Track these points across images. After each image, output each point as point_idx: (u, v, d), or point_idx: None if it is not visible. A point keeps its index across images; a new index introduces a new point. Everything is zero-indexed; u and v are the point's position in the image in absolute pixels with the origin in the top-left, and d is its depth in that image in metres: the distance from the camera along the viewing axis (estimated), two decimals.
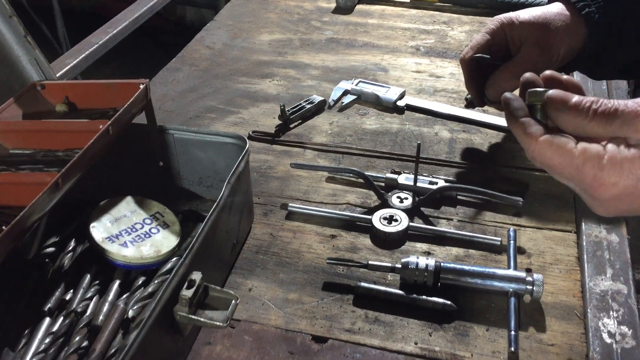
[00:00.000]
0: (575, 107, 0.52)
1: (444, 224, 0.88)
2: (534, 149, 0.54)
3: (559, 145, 0.53)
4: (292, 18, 1.48)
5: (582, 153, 0.52)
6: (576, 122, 0.52)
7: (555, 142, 0.53)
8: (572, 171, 0.53)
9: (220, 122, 1.10)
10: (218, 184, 0.90)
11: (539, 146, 0.54)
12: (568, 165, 0.52)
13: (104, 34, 1.33)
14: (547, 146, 0.53)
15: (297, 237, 0.86)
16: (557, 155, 0.53)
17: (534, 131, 0.54)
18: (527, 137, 0.55)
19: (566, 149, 0.52)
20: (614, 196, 0.54)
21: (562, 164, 0.53)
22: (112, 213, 0.81)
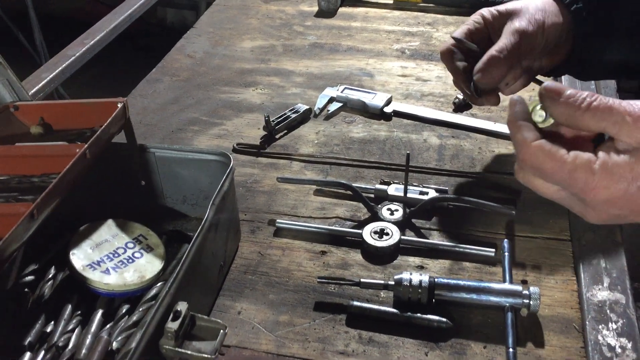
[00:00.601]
0: (570, 98, 0.53)
1: (436, 236, 0.86)
2: (527, 151, 0.55)
3: (551, 151, 0.53)
4: (274, 23, 1.45)
5: (574, 159, 0.52)
6: (569, 113, 0.53)
7: (547, 147, 0.53)
8: (563, 176, 0.53)
9: (204, 135, 1.08)
10: (202, 202, 0.88)
11: (532, 149, 0.54)
12: (559, 170, 0.53)
13: (80, 46, 1.30)
14: (539, 150, 0.54)
15: (286, 255, 0.84)
16: (549, 160, 0.53)
17: (529, 135, 0.55)
18: (522, 139, 0.55)
19: (558, 154, 0.53)
20: (606, 200, 0.54)
21: (553, 169, 0.53)
22: (93, 238, 0.78)
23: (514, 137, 0.57)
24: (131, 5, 1.48)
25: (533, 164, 0.55)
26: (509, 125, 0.58)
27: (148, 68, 1.28)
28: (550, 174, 0.54)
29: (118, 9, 1.47)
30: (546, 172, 0.54)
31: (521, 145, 0.55)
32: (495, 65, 0.80)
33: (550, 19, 0.80)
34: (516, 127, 0.56)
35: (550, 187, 0.57)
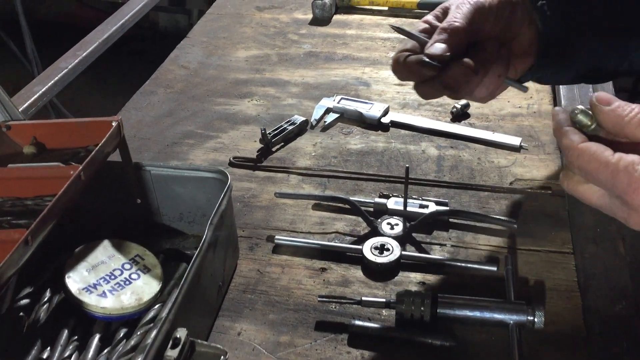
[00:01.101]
0: (618, 108, 0.55)
1: (437, 251, 0.85)
2: (573, 153, 0.57)
3: (597, 152, 0.55)
4: (268, 32, 1.43)
5: (618, 160, 0.54)
6: (617, 122, 0.55)
7: (594, 148, 0.55)
8: (607, 175, 0.54)
9: (199, 149, 1.06)
10: (200, 219, 0.86)
11: (578, 151, 0.56)
12: (604, 169, 0.54)
13: (73, 57, 1.28)
14: (585, 151, 0.56)
15: (285, 273, 0.83)
16: (594, 160, 0.55)
17: (575, 138, 0.57)
18: (569, 142, 0.57)
19: (603, 155, 0.55)
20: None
21: (597, 169, 0.55)
22: (89, 260, 0.76)
23: (561, 142, 0.58)
24: (124, 14, 1.46)
25: (579, 165, 0.56)
26: (556, 133, 0.60)
27: (140, 72, 1.27)
28: (594, 174, 0.55)
29: (111, 19, 1.45)
30: (591, 172, 0.55)
31: (568, 148, 0.57)
32: (447, 32, 0.69)
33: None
34: (562, 132, 0.58)
35: (594, 192, 0.58)
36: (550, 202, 0.91)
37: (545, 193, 0.93)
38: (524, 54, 0.75)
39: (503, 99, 1.15)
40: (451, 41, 0.68)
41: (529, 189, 0.94)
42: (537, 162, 0.99)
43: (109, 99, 3.26)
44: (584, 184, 0.58)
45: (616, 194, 0.55)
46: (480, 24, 0.71)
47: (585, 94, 1.12)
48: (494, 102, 1.13)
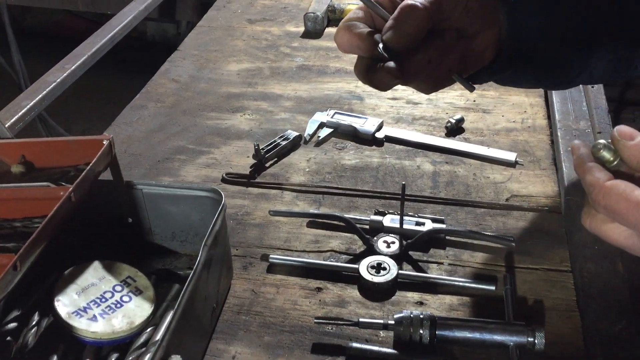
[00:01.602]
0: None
1: (434, 269, 0.84)
2: (599, 192, 0.54)
3: (625, 190, 0.52)
4: (260, 45, 1.42)
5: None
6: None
7: (622, 186, 0.53)
8: (638, 217, 0.52)
9: (191, 165, 1.04)
10: (193, 239, 0.85)
11: (605, 190, 0.53)
12: (635, 210, 0.52)
13: (61, 71, 1.26)
14: (613, 190, 0.53)
15: (280, 293, 0.81)
16: (623, 200, 0.52)
17: (600, 176, 0.54)
18: (594, 179, 0.55)
19: (633, 194, 0.52)
20: None
21: (627, 209, 0.52)
22: (79, 282, 0.74)
23: (584, 179, 0.56)
24: (113, 27, 1.45)
25: (607, 205, 0.53)
26: (577, 169, 0.57)
27: (128, 81, 1.26)
28: (624, 215, 0.52)
29: (100, 31, 1.43)
30: (620, 213, 0.52)
31: (593, 186, 0.54)
32: (410, 15, 0.61)
33: None
34: (586, 169, 0.56)
35: (622, 233, 0.55)
36: (548, 219, 0.90)
37: (542, 209, 0.92)
38: (479, 53, 0.70)
39: (497, 113, 1.14)
40: (411, 27, 0.61)
41: (526, 205, 0.93)
42: (532, 177, 0.98)
43: (96, 107, 3.22)
44: (610, 223, 0.55)
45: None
46: (447, 11, 0.64)
47: (579, 109, 1.12)
48: (488, 116, 1.13)
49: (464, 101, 1.18)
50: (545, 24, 0.69)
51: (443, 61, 0.65)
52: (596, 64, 0.72)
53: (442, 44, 0.64)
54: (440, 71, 0.66)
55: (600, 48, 0.71)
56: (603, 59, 0.72)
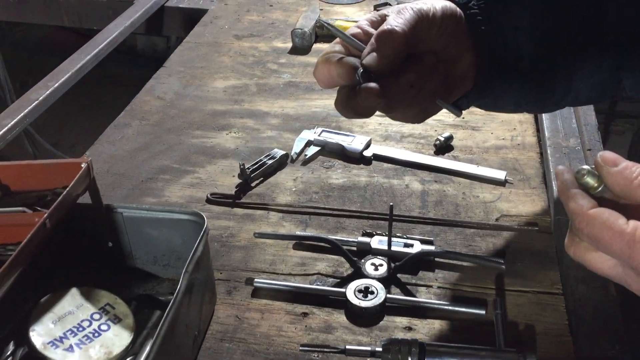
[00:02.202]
0: (626, 169, 0.52)
1: (423, 292, 0.82)
2: (583, 220, 0.52)
3: (609, 219, 0.50)
4: (247, 61, 1.41)
5: (634, 229, 0.49)
6: (625, 184, 0.52)
7: (605, 215, 0.51)
8: (622, 246, 0.50)
9: (176, 185, 1.02)
10: (175, 263, 0.82)
11: (589, 217, 0.51)
12: (618, 239, 0.50)
13: (44, 89, 1.24)
14: (596, 218, 0.51)
15: (265, 318, 0.79)
16: (607, 229, 0.50)
17: (584, 203, 0.52)
18: (577, 207, 0.53)
19: (617, 224, 0.50)
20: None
21: (612, 239, 0.50)
22: (55, 311, 0.71)
23: (568, 206, 0.54)
24: (98, 43, 1.43)
25: (590, 233, 0.51)
26: (561, 195, 0.55)
27: (116, 96, 1.24)
28: (608, 244, 0.50)
29: (85, 47, 1.41)
30: (604, 242, 0.51)
31: (577, 214, 0.52)
32: (388, 38, 0.61)
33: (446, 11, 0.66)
34: (569, 195, 0.54)
35: (605, 262, 0.53)
36: (538, 239, 0.89)
37: (532, 230, 0.90)
38: (462, 78, 0.69)
39: (486, 130, 1.13)
40: (390, 49, 0.61)
41: (516, 225, 0.91)
42: (522, 196, 0.97)
43: (85, 122, 3.19)
44: (593, 252, 0.53)
45: (632, 266, 0.50)
46: (423, 33, 0.64)
47: (569, 126, 1.11)
48: (477, 134, 1.12)
49: (453, 118, 1.17)
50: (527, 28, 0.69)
51: (425, 85, 0.65)
52: (581, 84, 0.71)
53: (422, 67, 0.65)
54: (423, 96, 0.65)
55: (583, 63, 0.70)
56: (587, 77, 0.71)
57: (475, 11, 0.67)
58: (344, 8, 1.64)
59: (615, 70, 0.70)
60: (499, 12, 0.68)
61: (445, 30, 0.66)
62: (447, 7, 0.66)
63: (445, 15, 0.65)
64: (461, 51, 0.68)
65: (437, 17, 0.65)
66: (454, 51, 0.67)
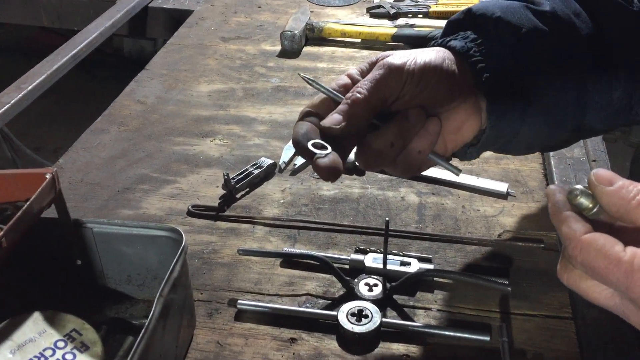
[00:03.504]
0: (622, 189, 0.47)
1: (421, 316, 0.75)
2: (576, 245, 0.47)
3: (605, 246, 0.46)
4: (233, 64, 1.34)
5: (632, 257, 0.44)
6: (621, 204, 0.47)
7: (601, 241, 0.46)
8: (619, 276, 0.45)
9: (155, 195, 0.95)
10: (151, 282, 0.75)
11: (582, 244, 0.46)
12: (615, 269, 0.45)
13: (16, 91, 1.16)
14: (591, 245, 0.46)
15: (249, 345, 0.72)
16: (602, 257, 0.45)
17: (578, 227, 0.47)
18: (570, 232, 0.47)
19: (613, 251, 0.45)
20: None
21: (607, 267, 0.45)
22: (14, 338, 0.64)
23: (560, 230, 0.49)
24: (76, 44, 1.36)
25: (584, 261, 0.46)
26: (553, 217, 0.50)
27: (103, 99, 1.18)
28: (603, 274, 0.45)
29: (62, 49, 1.34)
30: (599, 271, 0.45)
31: (569, 239, 0.47)
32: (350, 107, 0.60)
33: (429, 64, 0.61)
34: (561, 219, 0.49)
35: (602, 291, 0.48)
36: (543, 257, 0.83)
37: (538, 247, 0.84)
38: (462, 128, 0.64)
39: None
40: (352, 114, 0.60)
41: (520, 242, 0.85)
42: (526, 210, 0.91)
43: (69, 126, 3.12)
44: (588, 280, 0.48)
45: (630, 297, 0.45)
46: (396, 90, 0.61)
47: None
48: None
49: None
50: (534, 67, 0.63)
51: (411, 143, 0.61)
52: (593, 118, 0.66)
53: (406, 124, 0.61)
54: (408, 154, 0.62)
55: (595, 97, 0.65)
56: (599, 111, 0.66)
57: (477, 58, 0.62)
58: (336, 10, 1.58)
59: (628, 100, 0.66)
60: (502, 55, 0.63)
61: (427, 84, 0.61)
62: (431, 61, 0.61)
63: (427, 69, 0.61)
64: (456, 101, 0.62)
65: (413, 72, 0.60)
66: (445, 103, 0.62)
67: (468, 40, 0.63)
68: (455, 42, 0.63)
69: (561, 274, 0.50)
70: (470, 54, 0.62)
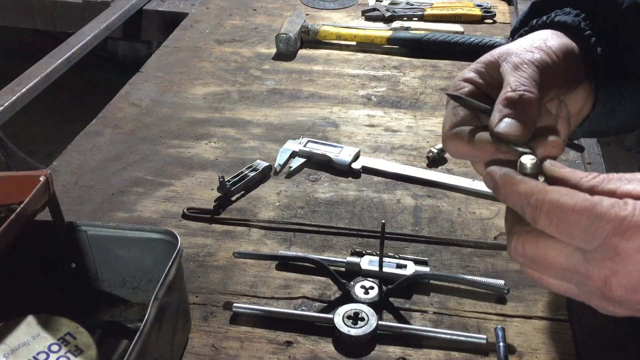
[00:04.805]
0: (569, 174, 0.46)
1: (418, 318, 0.75)
2: (540, 194, 0.44)
3: (570, 190, 0.43)
4: (228, 67, 1.34)
5: (600, 199, 0.42)
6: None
7: (566, 189, 0.43)
8: (588, 216, 0.42)
9: (149, 198, 0.95)
10: (146, 285, 0.75)
11: (548, 190, 0.43)
12: (582, 209, 0.42)
13: (10, 94, 1.16)
14: (560, 190, 0.43)
15: (245, 348, 0.71)
16: (570, 197, 0.43)
17: (539, 183, 0.45)
18: (533, 186, 0.45)
19: (580, 194, 0.43)
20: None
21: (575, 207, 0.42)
22: (8, 342, 0.63)
23: (517, 193, 0.45)
24: (70, 47, 1.35)
25: (550, 207, 0.43)
26: (504, 187, 0.47)
27: (98, 103, 1.17)
28: (571, 217, 0.42)
29: (55, 51, 1.33)
30: (566, 214, 0.43)
31: (532, 193, 0.44)
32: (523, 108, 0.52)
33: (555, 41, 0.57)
34: (516, 181, 0.45)
35: (563, 249, 0.45)
36: None
37: None
38: (579, 110, 0.61)
39: None
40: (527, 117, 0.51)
41: None
42: None
43: (63, 129, 3.11)
44: (548, 239, 0.45)
45: (595, 245, 0.42)
46: (549, 87, 0.54)
47: None
48: None
49: None
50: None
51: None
52: None
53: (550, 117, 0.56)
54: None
55: None
56: None
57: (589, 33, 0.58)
58: (331, 13, 1.58)
59: None
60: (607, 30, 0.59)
61: (568, 74, 0.56)
62: (564, 44, 0.57)
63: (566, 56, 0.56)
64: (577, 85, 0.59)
65: (559, 64, 0.55)
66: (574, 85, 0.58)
67: (572, 15, 0.59)
68: (562, 17, 0.59)
69: (515, 246, 0.46)
70: (582, 28, 0.58)
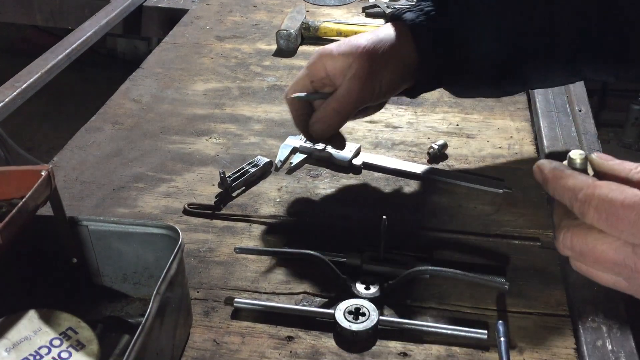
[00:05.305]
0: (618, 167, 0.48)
1: (418, 314, 0.75)
2: (589, 188, 0.46)
3: (620, 185, 0.45)
4: (229, 63, 1.33)
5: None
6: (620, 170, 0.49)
7: (615, 184, 0.45)
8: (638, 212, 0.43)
9: (150, 194, 0.95)
10: (147, 280, 0.75)
11: (597, 185, 0.46)
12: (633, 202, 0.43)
13: (10, 89, 1.16)
14: (610, 185, 0.45)
15: (246, 343, 0.71)
16: (619, 192, 0.44)
17: (588, 177, 0.48)
18: (582, 180, 0.47)
19: (630, 189, 0.44)
20: None
21: (624, 201, 0.44)
22: (9, 337, 0.63)
23: (566, 187, 0.48)
24: (70, 43, 1.35)
25: (599, 202, 0.45)
26: (553, 181, 0.51)
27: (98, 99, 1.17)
28: (620, 212, 0.44)
29: (55, 48, 1.33)
30: (615, 209, 0.44)
31: (581, 187, 0.47)
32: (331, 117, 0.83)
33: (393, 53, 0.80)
34: (565, 175, 0.49)
35: (612, 242, 0.46)
36: (540, 255, 0.83)
37: (534, 245, 0.84)
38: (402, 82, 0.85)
39: (482, 138, 1.07)
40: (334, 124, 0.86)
41: (516, 240, 0.85)
42: (522, 208, 0.91)
43: (63, 126, 3.12)
44: (596, 233, 0.47)
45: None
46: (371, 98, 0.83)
47: (568, 134, 1.06)
48: (473, 142, 1.06)
49: (447, 125, 1.11)
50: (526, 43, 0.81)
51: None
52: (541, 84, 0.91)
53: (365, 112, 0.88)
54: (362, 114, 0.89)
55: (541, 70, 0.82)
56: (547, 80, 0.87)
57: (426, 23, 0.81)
58: (331, 10, 1.58)
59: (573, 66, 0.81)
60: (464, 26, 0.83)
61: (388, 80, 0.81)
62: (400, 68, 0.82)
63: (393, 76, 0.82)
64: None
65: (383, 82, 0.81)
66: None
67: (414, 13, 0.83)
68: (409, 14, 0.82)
69: (564, 240, 0.49)
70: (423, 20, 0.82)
